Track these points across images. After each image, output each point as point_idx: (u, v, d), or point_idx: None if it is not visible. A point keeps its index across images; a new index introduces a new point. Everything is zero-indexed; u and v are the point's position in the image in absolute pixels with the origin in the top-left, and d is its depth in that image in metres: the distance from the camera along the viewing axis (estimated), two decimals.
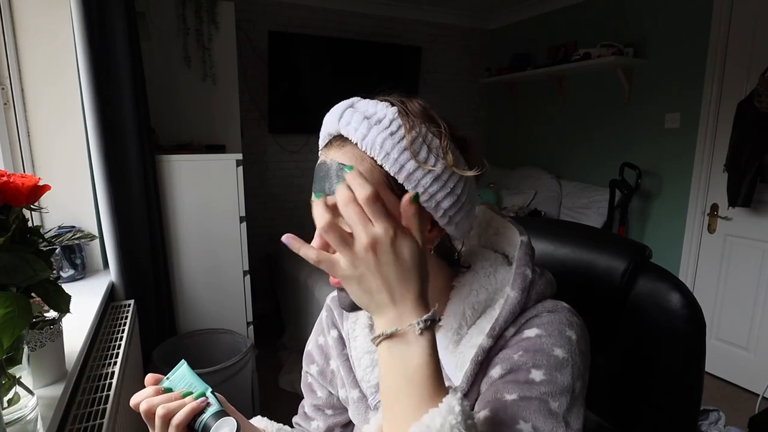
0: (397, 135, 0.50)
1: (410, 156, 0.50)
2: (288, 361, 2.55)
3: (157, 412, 0.52)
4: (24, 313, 0.63)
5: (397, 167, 0.50)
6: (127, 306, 1.50)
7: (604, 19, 2.94)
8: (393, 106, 0.52)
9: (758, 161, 2.11)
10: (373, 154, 0.50)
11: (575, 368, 0.49)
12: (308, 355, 0.76)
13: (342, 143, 0.53)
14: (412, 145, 0.50)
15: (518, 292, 0.53)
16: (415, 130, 0.51)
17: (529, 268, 0.56)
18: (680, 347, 0.62)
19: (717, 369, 2.48)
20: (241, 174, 1.88)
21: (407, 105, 0.53)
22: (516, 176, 3.54)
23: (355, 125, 0.51)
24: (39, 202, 0.74)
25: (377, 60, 3.38)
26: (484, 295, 0.57)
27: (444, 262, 0.60)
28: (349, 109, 0.53)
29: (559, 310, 0.54)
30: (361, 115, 0.51)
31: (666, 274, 0.65)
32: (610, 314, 0.68)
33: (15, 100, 1.38)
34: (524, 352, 0.50)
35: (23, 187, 0.68)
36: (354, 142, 0.51)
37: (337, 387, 0.72)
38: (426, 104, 0.55)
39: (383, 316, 0.44)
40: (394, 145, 0.50)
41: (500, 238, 0.64)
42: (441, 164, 0.51)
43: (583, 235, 0.76)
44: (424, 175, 0.50)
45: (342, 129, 0.52)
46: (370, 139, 0.50)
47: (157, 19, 2.13)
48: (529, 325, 0.52)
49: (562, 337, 0.50)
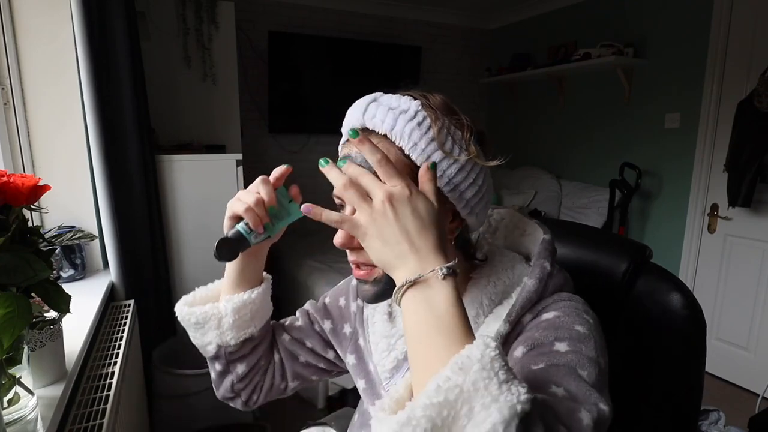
0: (423, 125, 0.51)
1: (437, 146, 0.51)
2: None
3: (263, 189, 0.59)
4: (24, 313, 0.63)
5: (424, 157, 0.51)
6: (127, 306, 1.50)
7: (604, 19, 2.94)
8: (416, 100, 0.53)
9: (758, 161, 2.11)
10: (402, 144, 0.51)
11: (598, 344, 0.49)
12: (324, 309, 0.78)
13: (367, 136, 0.53)
14: (439, 135, 0.51)
15: (536, 280, 0.54)
16: (440, 121, 0.52)
17: (549, 261, 0.56)
18: (681, 347, 0.62)
19: (717, 369, 2.48)
20: (241, 174, 1.88)
21: (429, 99, 0.54)
22: (516, 176, 3.53)
23: (381, 117, 0.52)
24: (39, 202, 0.74)
25: (377, 60, 3.37)
26: (501, 287, 0.58)
27: (461, 254, 0.61)
28: (373, 103, 0.54)
29: (576, 299, 0.55)
30: (386, 108, 0.52)
31: (666, 275, 0.65)
32: (610, 314, 0.68)
33: (15, 100, 1.38)
34: (545, 329, 0.50)
35: (23, 187, 0.68)
36: (382, 133, 0.52)
37: (345, 351, 0.74)
38: (447, 98, 0.56)
39: (404, 266, 0.44)
40: (421, 136, 0.51)
41: (526, 238, 0.65)
42: (465, 155, 0.52)
43: (583, 235, 0.76)
44: (450, 165, 0.52)
45: (368, 122, 0.53)
46: (399, 129, 0.51)
47: (157, 19, 2.13)
48: (548, 309, 0.53)
49: (581, 318, 0.51)
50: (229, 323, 0.66)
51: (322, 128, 3.17)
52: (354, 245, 0.54)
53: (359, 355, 0.72)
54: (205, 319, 0.66)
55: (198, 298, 0.70)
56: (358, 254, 0.55)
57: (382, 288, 0.55)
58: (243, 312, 0.67)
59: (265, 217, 0.58)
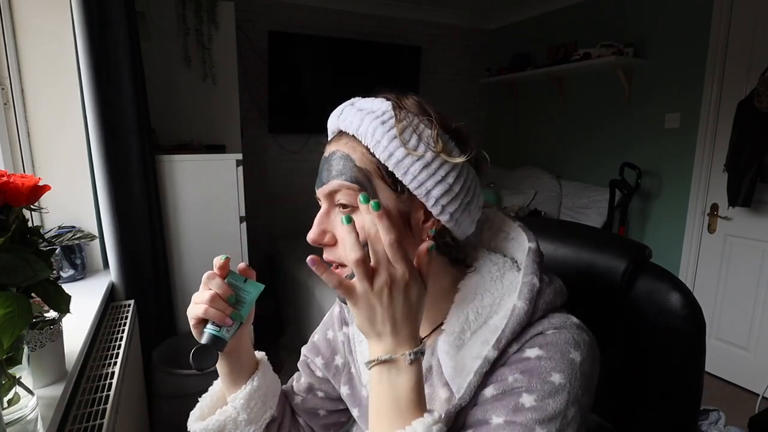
0: (387, 124, 0.52)
1: (400, 144, 0.52)
2: (288, 361, 2.55)
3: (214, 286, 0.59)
4: (24, 313, 0.63)
5: (386, 154, 0.52)
6: (127, 306, 1.50)
7: (604, 19, 2.94)
8: (388, 101, 0.55)
9: (758, 161, 2.11)
10: (366, 142, 0.53)
11: (572, 394, 0.48)
12: (314, 346, 0.77)
13: (339, 137, 0.56)
14: (402, 133, 0.52)
15: (525, 302, 0.52)
16: (407, 119, 0.53)
17: (537, 276, 0.54)
18: (680, 347, 0.62)
19: (717, 369, 2.48)
20: (241, 174, 1.88)
21: (402, 100, 0.55)
22: (516, 176, 3.53)
23: (351, 118, 0.54)
24: (39, 202, 0.74)
25: (377, 60, 3.37)
26: (488, 300, 0.56)
27: (447, 260, 0.60)
28: (348, 107, 0.56)
29: (567, 327, 0.52)
30: (357, 110, 0.55)
31: (666, 274, 0.65)
32: (610, 314, 0.68)
33: (15, 100, 1.38)
34: (521, 374, 0.49)
35: (23, 187, 0.68)
36: (351, 133, 0.54)
37: (339, 383, 0.72)
38: (422, 99, 0.56)
39: (380, 343, 0.49)
40: (384, 133, 0.52)
41: (511, 243, 0.62)
42: (431, 152, 0.52)
43: (582, 235, 0.76)
44: (413, 162, 0.52)
45: (341, 124, 0.56)
46: (363, 128, 0.53)
47: (157, 19, 2.13)
48: (532, 343, 0.51)
49: (564, 360, 0.49)
50: (244, 419, 0.65)
51: (322, 128, 3.13)
52: (326, 242, 0.56)
53: (352, 384, 0.71)
54: (221, 427, 0.64)
55: (206, 409, 0.67)
56: (330, 252, 0.57)
57: None
58: (253, 403, 0.65)
59: (228, 308, 0.57)
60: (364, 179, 0.53)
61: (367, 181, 0.53)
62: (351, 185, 0.53)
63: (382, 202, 0.52)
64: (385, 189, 0.53)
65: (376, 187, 0.53)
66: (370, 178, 0.53)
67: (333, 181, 0.54)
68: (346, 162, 0.54)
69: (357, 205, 0.53)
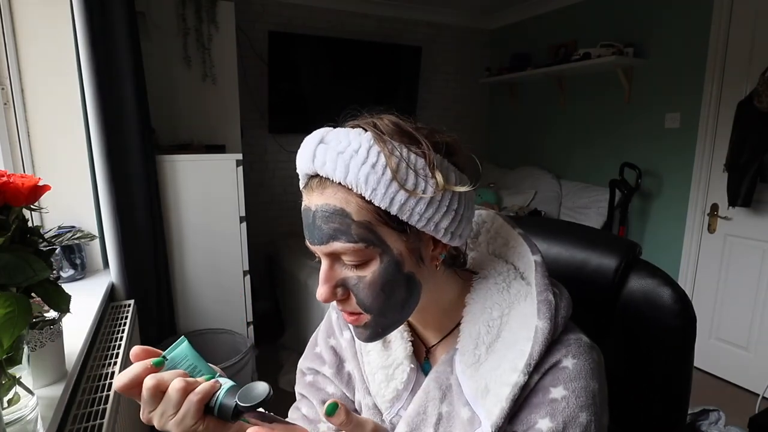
0: (378, 166, 0.47)
1: (398, 187, 0.47)
2: (288, 361, 2.55)
3: (174, 383, 0.43)
4: (24, 313, 0.63)
5: (387, 201, 0.47)
6: (127, 306, 1.50)
7: (604, 19, 2.94)
8: (366, 132, 0.49)
9: (758, 161, 2.11)
10: (360, 191, 0.47)
11: (596, 424, 0.50)
12: (317, 356, 0.71)
13: (322, 184, 0.49)
14: (398, 173, 0.47)
15: (546, 321, 0.51)
16: (395, 155, 0.47)
17: (551, 291, 0.53)
18: (672, 341, 0.63)
19: (717, 369, 2.48)
20: (241, 174, 1.88)
21: (380, 127, 0.49)
22: (516, 176, 3.53)
23: (332, 164, 0.47)
24: (39, 202, 0.74)
25: (377, 60, 3.37)
26: (497, 312, 0.55)
27: (452, 271, 0.59)
28: (320, 146, 0.49)
29: (582, 353, 0.52)
30: (334, 152, 0.48)
31: (657, 271, 0.67)
32: (603, 311, 0.69)
33: (15, 100, 1.38)
34: (551, 419, 0.49)
35: (23, 187, 0.68)
36: (336, 181, 0.48)
37: (353, 390, 0.68)
38: (399, 119, 0.51)
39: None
40: (378, 180, 0.46)
41: (509, 250, 0.61)
42: (432, 187, 0.48)
43: (575, 233, 0.77)
44: (417, 202, 0.48)
45: (319, 170, 0.49)
46: (353, 176, 0.47)
47: (157, 19, 2.13)
48: (555, 380, 0.51)
49: (588, 395, 0.50)
50: None
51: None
52: (339, 298, 0.52)
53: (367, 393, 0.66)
54: None
55: None
56: (344, 304, 0.53)
57: (374, 330, 0.54)
58: None
59: (196, 380, 0.46)
60: (368, 233, 0.48)
61: (371, 233, 0.49)
62: (357, 246, 0.48)
63: (390, 247, 0.50)
64: (391, 234, 0.49)
65: (381, 235, 0.49)
66: (373, 229, 0.49)
67: (334, 243, 0.49)
68: (342, 219, 0.48)
69: (367, 259, 0.50)
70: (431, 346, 0.62)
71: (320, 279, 0.52)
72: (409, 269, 0.52)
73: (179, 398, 0.43)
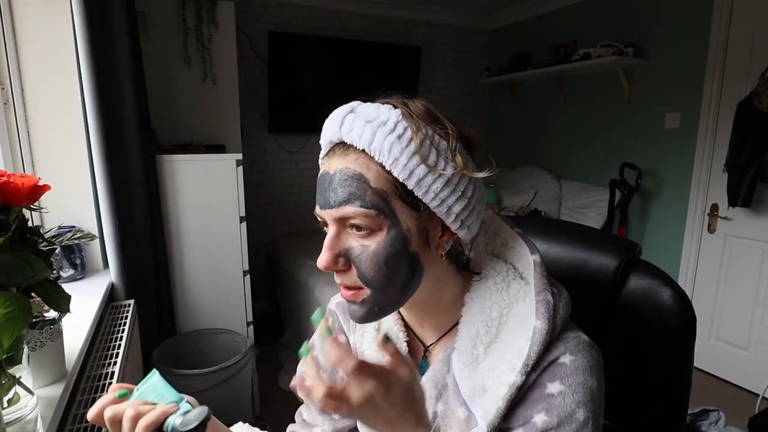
0: (404, 138, 0.48)
1: (419, 160, 0.48)
2: (288, 361, 2.55)
3: (126, 413, 0.47)
4: (24, 313, 0.63)
5: (406, 173, 0.48)
6: (127, 306, 1.50)
7: (604, 19, 2.94)
8: (396, 109, 0.50)
9: (758, 161, 2.11)
10: (381, 160, 0.49)
11: (594, 422, 0.49)
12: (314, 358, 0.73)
13: (345, 151, 0.51)
14: (421, 148, 0.48)
15: (544, 322, 0.51)
16: (422, 132, 0.49)
17: (549, 291, 0.53)
18: (672, 341, 0.63)
19: (717, 369, 2.48)
20: (241, 174, 1.88)
21: (410, 107, 0.51)
22: (516, 176, 3.53)
23: (359, 131, 0.49)
24: (39, 202, 0.74)
25: (377, 60, 3.37)
26: (496, 312, 0.55)
27: (454, 267, 0.59)
28: (350, 115, 0.50)
29: (581, 350, 0.52)
30: (363, 120, 0.49)
31: (657, 271, 0.67)
32: (603, 311, 0.69)
33: (15, 100, 1.38)
34: (547, 414, 0.49)
35: (23, 187, 0.68)
36: (360, 148, 0.49)
37: None
38: (429, 104, 0.53)
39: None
40: (402, 150, 0.48)
41: (508, 250, 0.61)
42: (451, 167, 0.49)
43: (575, 233, 0.77)
44: (435, 179, 0.49)
45: (344, 136, 0.50)
46: (377, 144, 0.48)
47: (157, 19, 2.13)
48: (552, 375, 0.51)
49: (585, 391, 0.50)
50: None
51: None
52: (340, 268, 0.52)
53: None
54: None
55: None
56: (344, 276, 0.53)
57: (370, 308, 0.53)
58: None
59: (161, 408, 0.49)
60: (381, 202, 0.49)
61: (385, 203, 0.49)
62: (368, 212, 0.49)
63: (400, 222, 0.50)
64: (404, 208, 0.50)
65: (394, 208, 0.50)
66: (387, 199, 0.49)
67: (346, 207, 0.49)
68: (360, 183, 0.49)
69: (375, 228, 0.50)
70: (429, 345, 0.62)
71: (324, 246, 0.52)
72: (415, 248, 0.52)
73: (130, 426, 0.46)
